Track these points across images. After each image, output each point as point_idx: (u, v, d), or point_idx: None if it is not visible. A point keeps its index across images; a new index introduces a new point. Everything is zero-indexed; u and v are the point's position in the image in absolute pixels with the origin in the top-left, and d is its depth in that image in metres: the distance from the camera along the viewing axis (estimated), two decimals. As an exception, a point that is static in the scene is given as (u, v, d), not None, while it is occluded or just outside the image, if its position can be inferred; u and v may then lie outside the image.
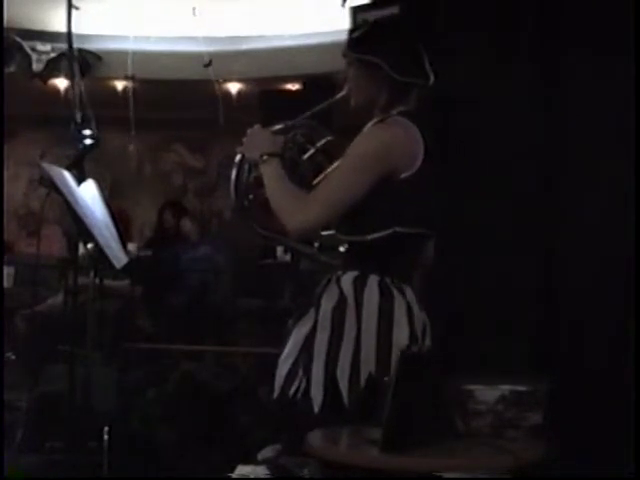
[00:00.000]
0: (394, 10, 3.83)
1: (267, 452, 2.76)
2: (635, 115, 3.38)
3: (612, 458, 3.25)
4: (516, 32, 3.64)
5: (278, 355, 2.69)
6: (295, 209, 2.57)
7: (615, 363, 3.40)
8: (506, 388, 2.39)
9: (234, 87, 8.91)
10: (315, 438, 2.37)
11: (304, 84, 7.24)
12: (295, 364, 2.62)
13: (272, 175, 2.64)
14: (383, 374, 2.49)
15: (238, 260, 7.46)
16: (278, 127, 2.77)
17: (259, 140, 2.71)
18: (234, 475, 2.69)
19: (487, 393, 2.38)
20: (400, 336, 2.56)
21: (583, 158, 3.53)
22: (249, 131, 2.74)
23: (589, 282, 3.51)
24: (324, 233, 2.70)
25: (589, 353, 3.49)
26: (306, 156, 2.80)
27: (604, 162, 3.50)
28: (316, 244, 2.75)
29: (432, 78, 2.64)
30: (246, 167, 2.76)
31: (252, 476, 2.66)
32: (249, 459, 2.81)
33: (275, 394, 2.65)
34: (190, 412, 4.86)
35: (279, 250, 7.54)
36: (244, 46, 8.35)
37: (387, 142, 2.56)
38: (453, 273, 3.59)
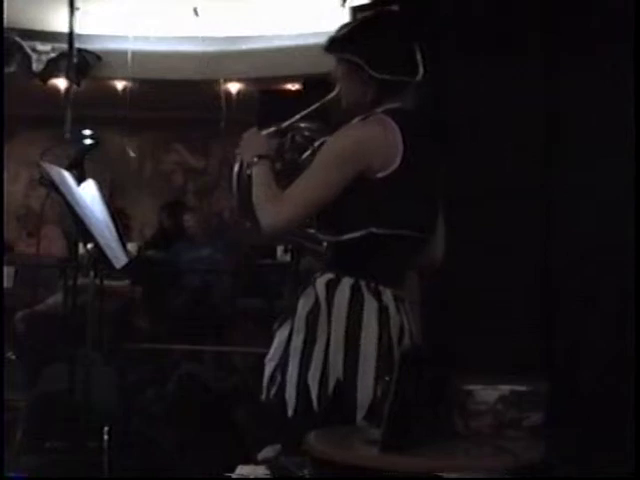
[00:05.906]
0: (394, 9, 3.83)
1: (267, 452, 2.76)
2: (635, 116, 3.38)
3: (612, 458, 3.25)
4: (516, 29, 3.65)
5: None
6: (269, 208, 2.56)
7: (615, 363, 3.40)
8: (506, 388, 2.38)
9: (234, 87, 8.91)
10: (315, 438, 2.37)
11: (304, 84, 7.24)
12: (276, 367, 2.63)
13: (258, 176, 2.65)
14: (350, 379, 2.50)
15: (238, 260, 7.46)
16: (273, 129, 2.78)
17: (253, 143, 2.73)
18: (234, 475, 2.69)
19: (487, 393, 2.38)
20: (368, 341, 2.53)
21: (581, 158, 3.55)
22: (244, 134, 2.77)
23: (589, 282, 3.51)
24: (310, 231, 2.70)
25: (589, 353, 3.49)
26: (304, 156, 2.79)
27: (604, 163, 3.51)
28: (324, 243, 2.70)
29: (420, 73, 2.57)
30: (245, 169, 2.77)
31: (252, 476, 2.67)
32: (249, 459, 2.81)
33: (262, 396, 2.66)
34: (190, 412, 4.85)
35: (279, 250, 7.54)
36: (244, 46, 8.35)
37: (360, 140, 2.53)
38: (452, 273, 3.59)
